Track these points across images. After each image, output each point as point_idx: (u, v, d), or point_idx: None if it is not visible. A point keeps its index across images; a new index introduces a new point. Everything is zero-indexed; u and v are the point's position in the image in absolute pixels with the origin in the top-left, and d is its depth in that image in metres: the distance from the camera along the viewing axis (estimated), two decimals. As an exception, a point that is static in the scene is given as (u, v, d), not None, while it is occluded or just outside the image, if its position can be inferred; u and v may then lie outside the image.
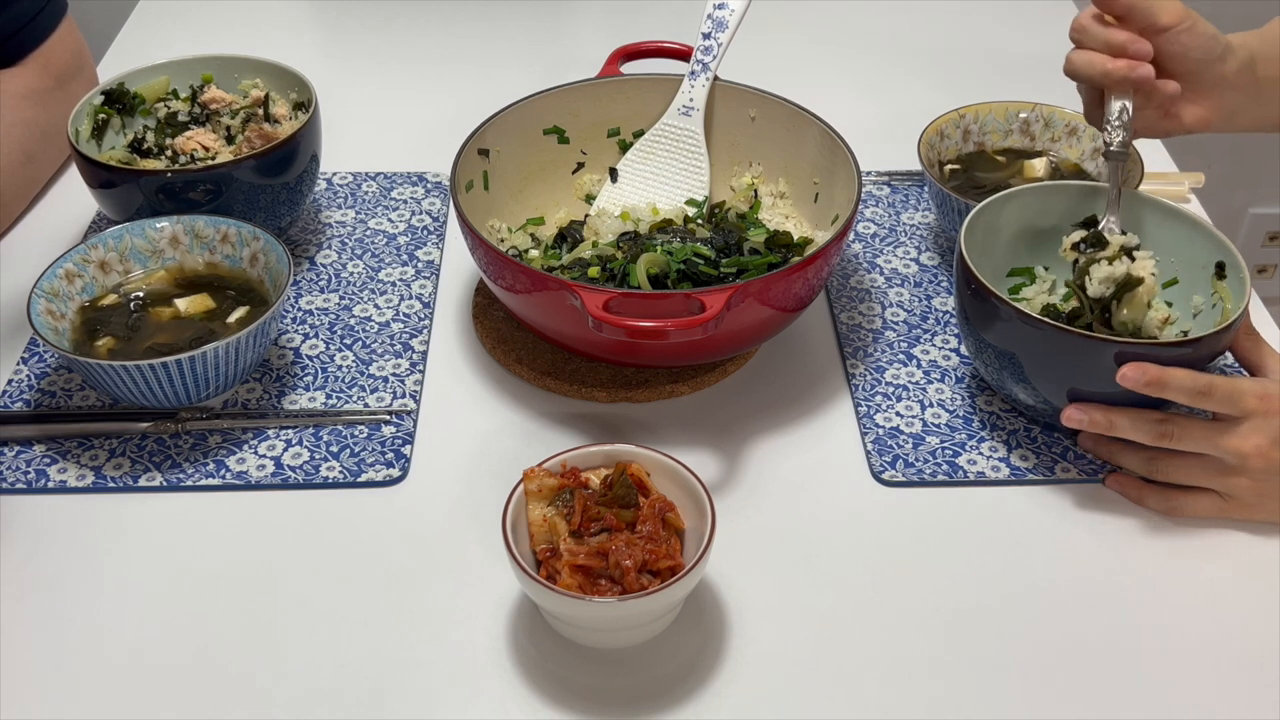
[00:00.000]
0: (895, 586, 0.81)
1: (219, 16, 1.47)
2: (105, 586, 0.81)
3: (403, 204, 1.16)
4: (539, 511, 0.76)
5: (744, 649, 0.77)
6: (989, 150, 1.11)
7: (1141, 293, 0.87)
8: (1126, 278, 0.86)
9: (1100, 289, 0.87)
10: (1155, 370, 0.79)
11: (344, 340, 1.00)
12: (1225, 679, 0.76)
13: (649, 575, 0.73)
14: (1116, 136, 0.89)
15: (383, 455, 0.89)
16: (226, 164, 0.99)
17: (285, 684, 0.75)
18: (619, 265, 0.94)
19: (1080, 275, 0.89)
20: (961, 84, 1.29)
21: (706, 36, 1.06)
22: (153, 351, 0.90)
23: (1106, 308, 0.87)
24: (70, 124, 1.02)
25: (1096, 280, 0.87)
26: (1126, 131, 0.89)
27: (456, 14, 1.48)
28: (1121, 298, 0.87)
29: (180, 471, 0.88)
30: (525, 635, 0.78)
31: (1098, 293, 0.87)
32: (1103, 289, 0.87)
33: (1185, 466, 0.84)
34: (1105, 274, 0.87)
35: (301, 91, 1.08)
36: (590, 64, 1.15)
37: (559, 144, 1.09)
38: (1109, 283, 0.87)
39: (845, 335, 1.00)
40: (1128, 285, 0.86)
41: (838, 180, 0.99)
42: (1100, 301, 0.87)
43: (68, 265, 0.93)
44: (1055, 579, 0.82)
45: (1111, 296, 0.87)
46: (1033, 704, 0.74)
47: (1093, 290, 0.87)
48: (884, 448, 0.90)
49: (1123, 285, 0.86)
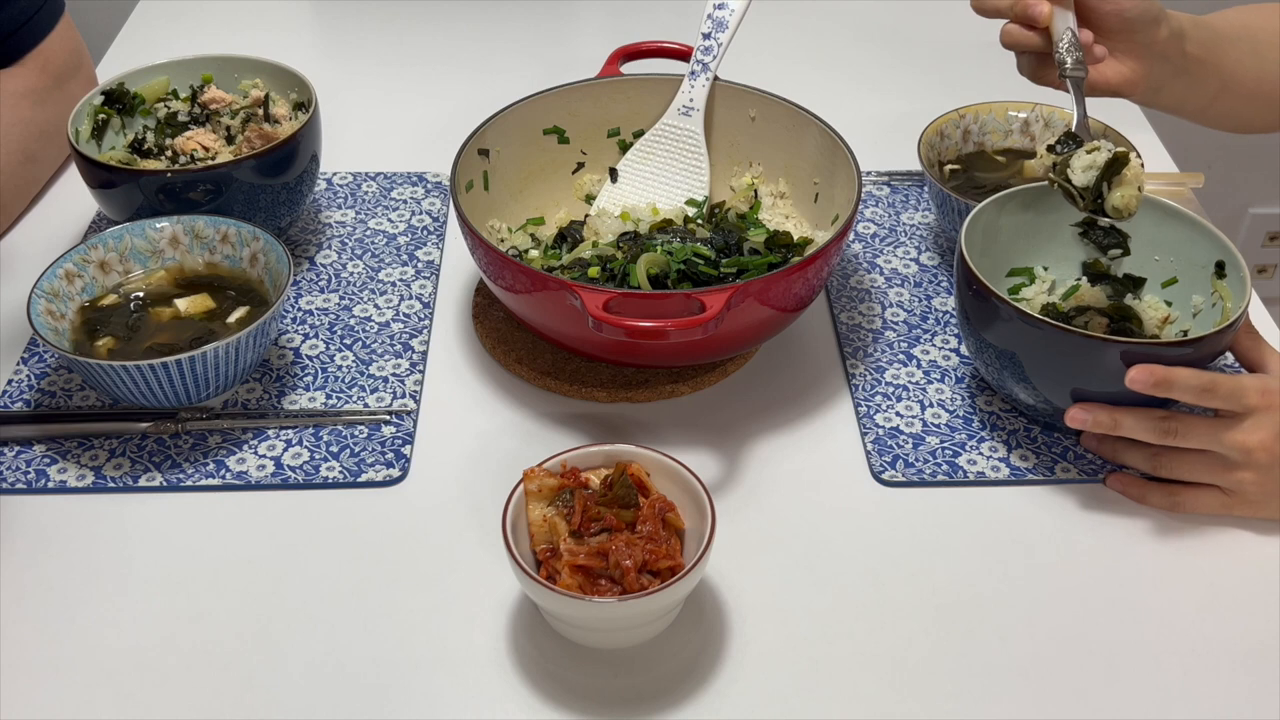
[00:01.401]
0: (895, 586, 0.81)
1: (219, 16, 1.47)
2: (105, 586, 0.81)
3: (403, 204, 1.16)
4: (539, 511, 0.76)
5: (744, 649, 0.77)
6: (989, 150, 1.11)
7: (1129, 175, 0.86)
8: (1112, 159, 0.86)
9: (1085, 177, 0.86)
10: (1161, 371, 0.80)
11: (344, 340, 1.00)
12: (1225, 679, 0.76)
13: (649, 575, 0.73)
14: (1069, 58, 0.90)
15: (383, 455, 0.89)
16: (226, 164, 0.99)
17: (285, 684, 0.75)
18: (619, 265, 0.94)
19: (1061, 173, 0.88)
20: (961, 84, 1.29)
21: (706, 36, 1.06)
22: (153, 351, 0.90)
23: (1099, 194, 0.87)
24: (70, 124, 1.02)
25: (1079, 170, 0.86)
26: (1078, 50, 0.90)
27: (456, 14, 1.48)
28: (1110, 182, 0.86)
29: (180, 471, 0.88)
30: (525, 635, 0.78)
31: (1084, 180, 0.86)
32: (1088, 176, 0.86)
33: (1189, 463, 0.84)
34: (1087, 161, 0.86)
35: (301, 91, 1.08)
36: (590, 64, 1.15)
37: (559, 144, 1.09)
38: (1093, 168, 0.86)
39: (845, 335, 1.00)
40: (1114, 167, 0.86)
41: (838, 180, 0.99)
42: (1089, 190, 0.86)
43: (68, 265, 0.93)
44: (1055, 579, 0.82)
45: (1100, 180, 0.86)
46: (1032, 704, 0.74)
47: (1079, 179, 0.86)
48: (884, 448, 0.90)
49: (1109, 168, 0.85)
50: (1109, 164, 0.86)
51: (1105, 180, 0.86)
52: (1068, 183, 0.87)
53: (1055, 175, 0.89)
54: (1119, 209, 0.87)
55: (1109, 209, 0.87)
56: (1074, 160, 0.87)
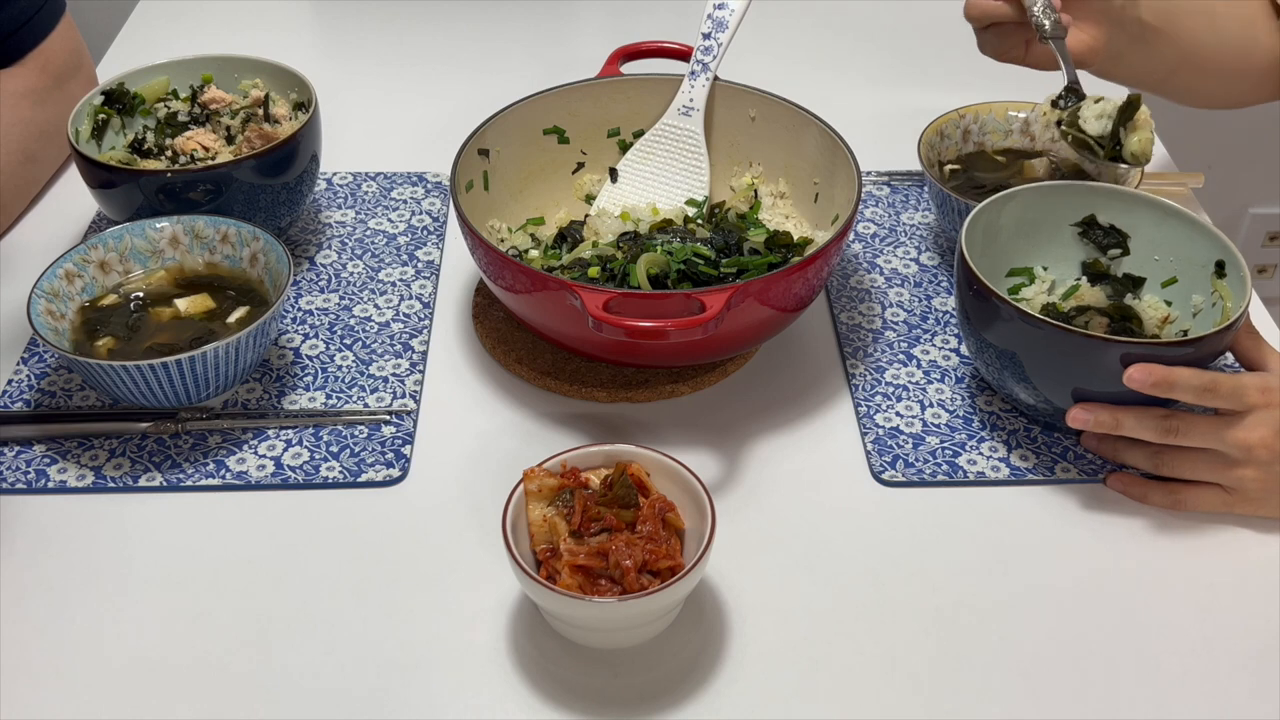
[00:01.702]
0: (895, 586, 0.81)
1: (219, 16, 1.47)
2: (105, 586, 0.81)
3: (403, 204, 1.16)
4: (539, 511, 0.76)
5: (744, 649, 0.77)
6: (989, 150, 1.11)
7: (1141, 119, 0.85)
8: (1126, 102, 0.85)
9: (1100, 125, 0.86)
10: (1161, 370, 0.80)
11: (344, 340, 1.00)
12: (1225, 679, 0.76)
13: (649, 575, 0.73)
14: (1047, 20, 0.90)
15: (383, 455, 0.89)
16: (226, 164, 0.99)
17: (285, 684, 0.75)
18: (619, 265, 0.94)
19: (1071, 125, 0.87)
20: (961, 84, 1.29)
21: (706, 36, 1.06)
22: (153, 351, 0.90)
23: (1117, 140, 0.86)
24: (70, 124, 1.02)
25: (1091, 119, 0.86)
26: (1054, 12, 0.90)
27: (456, 14, 1.48)
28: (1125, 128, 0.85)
29: (180, 471, 0.88)
30: (525, 635, 0.77)
31: (1099, 129, 0.86)
32: (1102, 124, 0.86)
33: (1191, 462, 0.84)
34: (1098, 110, 0.86)
35: (301, 91, 1.08)
36: (590, 64, 1.15)
37: (559, 144, 1.09)
38: (1105, 116, 0.85)
39: (845, 335, 1.00)
40: (1127, 112, 0.85)
41: (838, 180, 0.99)
42: (1104, 139, 0.86)
43: (68, 265, 0.93)
44: (1055, 579, 0.82)
45: (1116, 127, 0.85)
46: (1032, 704, 0.74)
47: (1093, 128, 0.86)
48: (884, 448, 0.90)
49: (1122, 113, 0.85)
50: (1123, 108, 0.85)
51: (1120, 126, 0.85)
52: (1081, 133, 0.86)
53: (1067, 128, 0.88)
54: (1137, 154, 0.86)
55: (1128, 155, 0.86)
56: (1083, 111, 0.86)
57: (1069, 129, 0.88)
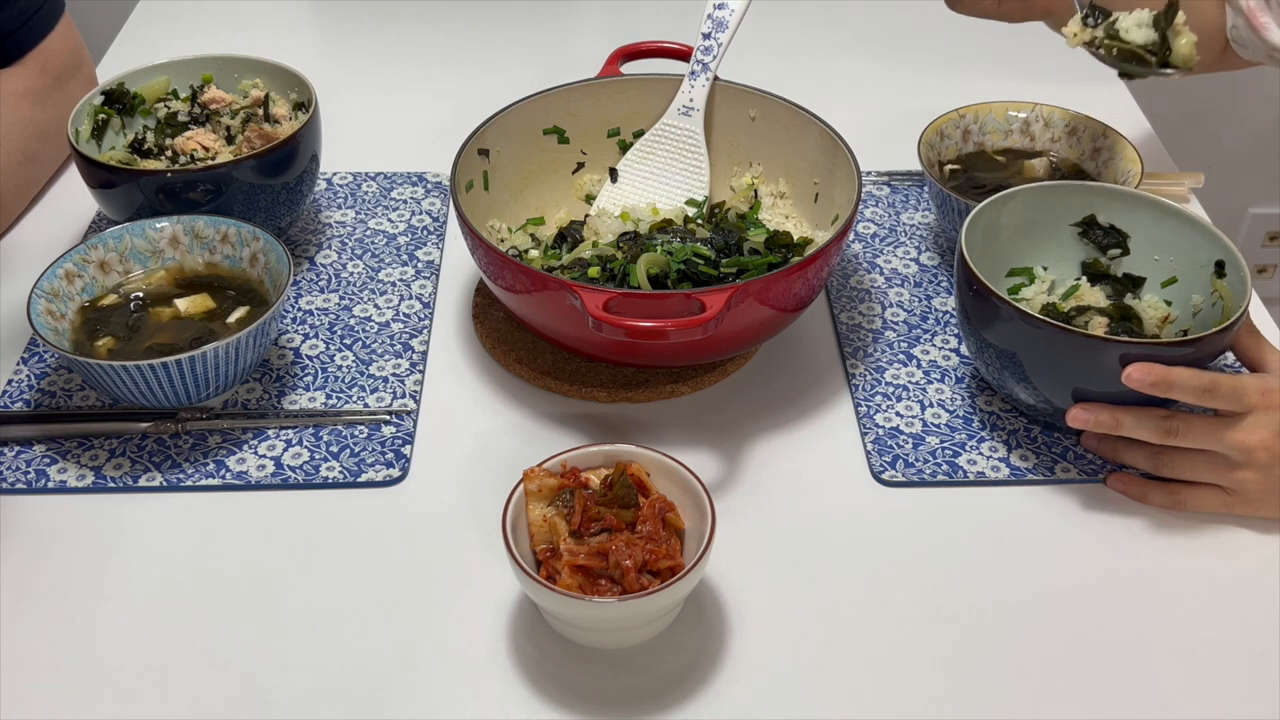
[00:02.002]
0: (895, 586, 0.81)
1: (219, 16, 1.47)
2: (105, 586, 0.81)
3: (403, 204, 1.16)
4: (539, 511, 0.76)
5: (744, 649, 0.77)
6: (989, 150, 1.11)
7: (1180, 24, 0.83)
8: (1167, 6, 0.82)
9: (1144, 34, 0.83)
10: (1160, 370, 0.80)
11: (344, 340, 1.00)
12: (1225, 679, 0.76)
13: (649, 575, 0.73)
14: None
15: (383, 455, 0.89)
16: (226, 164, 0.99)
17: (285, 684, 0.75)
18: (619, 265, 0.94)
19: (1112, 38, 0.85)
20: (961, 84, 1.29)
21: (706, 36, 1.06)
22: (153, 351, 0.90)
23: (1166, 45, 0.83)
24: (70, 124, 1.02)
25: (1133, 27, 0.84)
26: None
27: (456, 14, 1.48)
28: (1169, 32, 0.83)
29: (180, 471, 0.88)
30: (525, 635, 0.78)
31: (1144, 38, 0.83)
32: (1146, 33, 0.83)
33: (1191, 462, 0.84)
34: (1137, 19, 0.83)
35: (301, 91, 1.08)
36: (590, 64, 1.15)
37: (559, 144, 1.09)
38: (1145, 25, 0.83)
39: (845, 335, 1.00)
40: (1170, 15, 0.82)
41: (838, 180, 0.99)
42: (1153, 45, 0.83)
43: (68, 265, 0.93)
44: (1055, 579, 0.82)
45: (1161, 32, 0.83)
46: (1032, 703, 0.74)
47: (1137, 37, 0.83)
48: (884, 448, 0.90)
49: (1165, 15, 0.82)
50: (1165, 12, 0.82)
51: (1165, 31, 0.83)
52: (1125, 44, 0.84)
53: (1107, 42, 0.85)
54: (1187, 57, 0.84)
55: (1177, 59, 0.83)
56: (1120, 23, 0.84)
57: (1111, 42, 0.85)
